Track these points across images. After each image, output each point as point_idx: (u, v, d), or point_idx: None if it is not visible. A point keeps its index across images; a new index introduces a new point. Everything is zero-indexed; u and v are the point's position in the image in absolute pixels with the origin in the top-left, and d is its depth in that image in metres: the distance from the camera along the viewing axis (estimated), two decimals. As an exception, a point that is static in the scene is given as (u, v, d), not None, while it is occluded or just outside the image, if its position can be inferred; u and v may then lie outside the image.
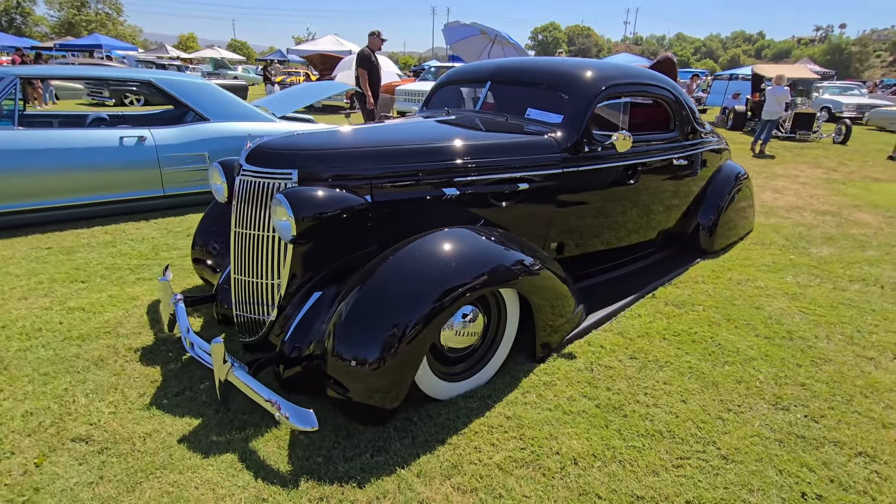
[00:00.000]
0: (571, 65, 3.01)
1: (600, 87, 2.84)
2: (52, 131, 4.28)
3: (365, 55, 7.54)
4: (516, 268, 2.15)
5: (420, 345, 1.85)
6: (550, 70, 3.01)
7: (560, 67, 3.01)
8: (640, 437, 1.97)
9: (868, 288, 3.51)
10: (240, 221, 2.24)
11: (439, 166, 2.41)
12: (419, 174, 2.36)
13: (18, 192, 3.95)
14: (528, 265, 2.21)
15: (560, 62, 3.06)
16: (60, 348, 2.44)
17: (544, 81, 2.99)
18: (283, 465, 1.79)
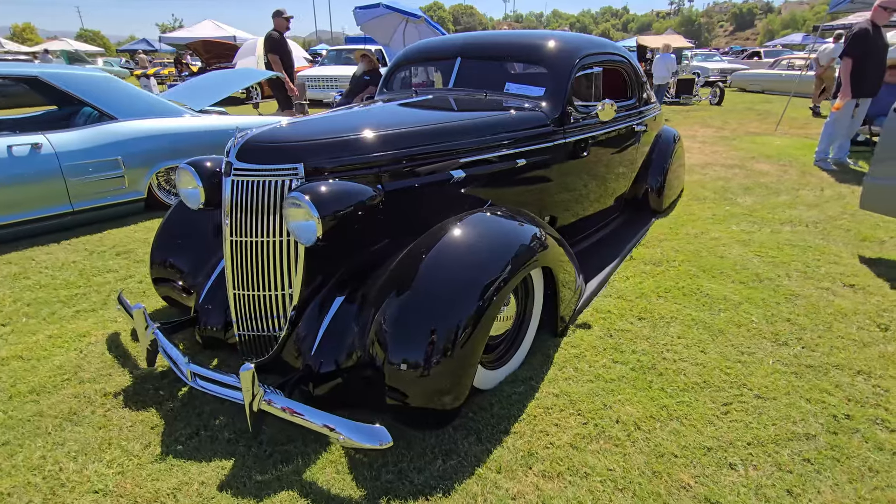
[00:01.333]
0: (543, 37, 2.98)
1: (576, 58, 2.85)
2: None
3: (274, 38, 6.97)
4: (542, 244, 2.11)
5: (479, 340, 1.75)
6: (524, 44, 2.97)
7: (533, 40, 2.97)
8: (682, 392, 2.05)
9: (797, 228, 3.98)
10: (237, 229, 1.95)
11: (446, 147, 2.28)
12: (428, 158, 2.22)
13: None
14: (546, 239, 2.18)
15: (529, 35, 3.02)
16: (11, 409, 1.99)
17: (519, 55, 2.94)
18: (353, 490, 1.61)
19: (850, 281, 3.03)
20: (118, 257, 3.49)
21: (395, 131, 2.17)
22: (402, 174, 2.16)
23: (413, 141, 2.19)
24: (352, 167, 2.02)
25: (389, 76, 3.46)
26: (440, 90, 3.02)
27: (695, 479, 1.64)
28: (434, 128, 2.29)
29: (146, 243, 3.72)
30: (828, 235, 3.80)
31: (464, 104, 2.75)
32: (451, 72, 3.08)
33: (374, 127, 2.15)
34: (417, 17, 8.08)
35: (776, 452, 1.75)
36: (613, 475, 1.66)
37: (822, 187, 5.18)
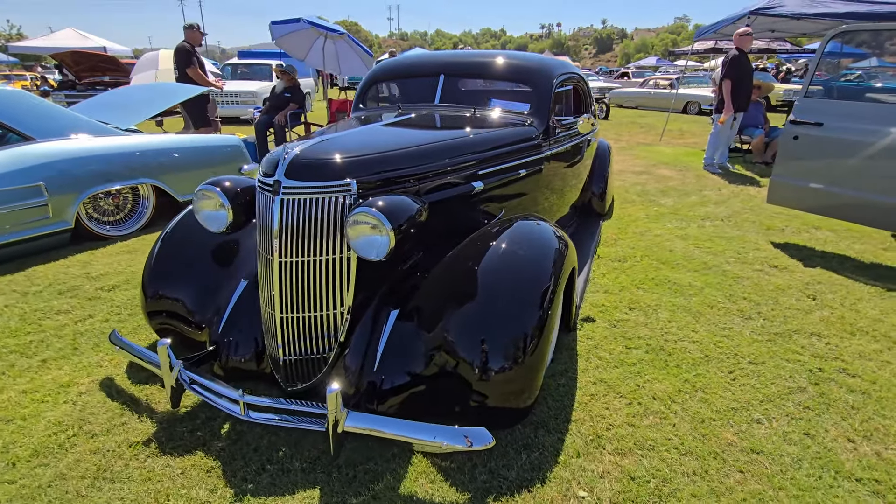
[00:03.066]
0: (523, 58, 3.22)
1: (553, 77, 3.13)
2: None
3: (186, 51, 6.52)
4: (567, 247, 2.30)
5: (547, 340, 1.86)
6: (507, 64, 3.17)
7: (516, 61, 3.19)
8: (694, 367, 2.36)
9: (715, 222, 4.66)
10: (287, 250, 1.87)
11: (471, 160, 2.39)
12: (457, 170, 2.31)
13: None
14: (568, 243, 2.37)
15: (509, 55, 3.24)
16: (20, 477, 1.70)
17: (503, 74, 3.14)
18: (455, 495, 1.64)
19: (774, 263, 3.64)
20: (62, 297, 3.05)
21: (429, 145, 2.24)
22: (435, 186, 2.23)
23: (446, 154, 2.27)
24: (396, 181, 2.05)
25: (364, 92, 3.47)
26: (428, 105, 3.11)
27: (736, 436, 1.92)
28: (460, 141, 2.39)
29: (90, 279, 3.30)
30: (741, 227, 4.50)
31: (473, 121, 2.85)
32: (434, 88, 3.19)
33: (411, 142, 2.20)
34: (339, 32, 8.02)
35: (783, 405, 2.10)
36: (673, 443, 1.88)
37: (719, 187, 6.09)
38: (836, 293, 3.15)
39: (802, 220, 4.63)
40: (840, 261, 3.71)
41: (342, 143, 2.08)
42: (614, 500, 1.63)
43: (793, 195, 3.97)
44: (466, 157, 2.37)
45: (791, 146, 3.87)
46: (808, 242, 4.10)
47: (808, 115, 3.77)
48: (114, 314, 2.83)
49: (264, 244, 1.92)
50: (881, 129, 3.46)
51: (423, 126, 2.67)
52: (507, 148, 2.64)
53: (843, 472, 1.75)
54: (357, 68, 9.13)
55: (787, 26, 8.53)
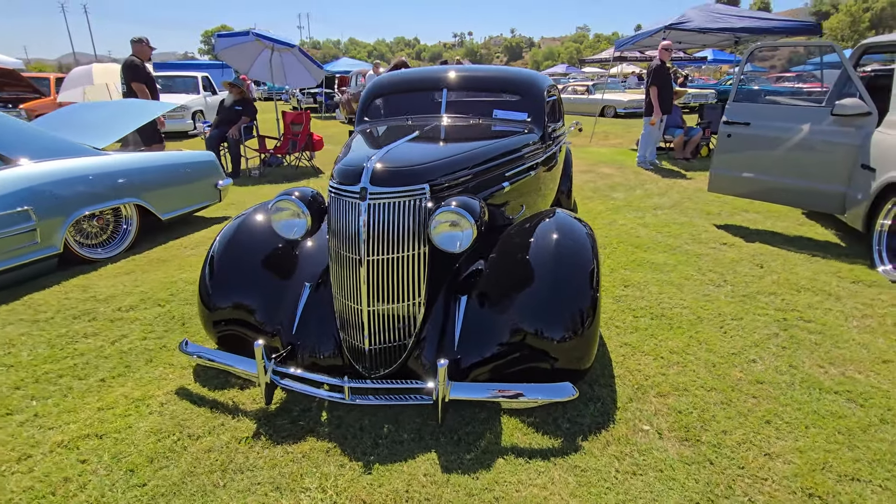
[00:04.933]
0: (517, 72, 3.61)
1: (545, 88, 3.55)
2: None
3: (137, 66, 6.28)
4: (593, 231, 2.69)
5: (599, 312, 2.21)
6: (504, 77, 3.54)
7: (512, 75, 3.57)
8: (693, 326, 2.85)
9: (665, 211, 5.35)
10: (373, 249, 2.09)
11: (505, 162, 2.73)
12: (496, 171, 2.64)
13: None
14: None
15: (503, 70, 3.60)
16: (148, 479, 1.78)
17: (503, 87, 3.51)
18: (551, 442, 1.96)
19: (722, 241, 4.32)
20: (78, 321, 2.98)
21: (474, 152, 2.54)
22: (481, 186, 2.54)
23: (489, 159, 2.59)
24: (458, 184, 2.35)
25: (367, 105, 3.69)
26: (436, 117, 3.40)
27: (742, 373, 2.41)
28: (495, 147, 2.71)
29: (99, 302, 3.23)
30: (686, 214, 5.22)
31: (493, 130, 3.15)
32: (438, 101, 3.49)
33: (459, 150, 2.49)
34: (289, 45, 8.02)
35: (767, 347, 2.64)
36: (698, 384, 2.33)
37: (656, 181, 6.90)
38: (776, 261, 3.85)
39: (732, 205, 5.44)
40: (770, 236, 4.48)
41: (411, 153, 2.34)
42: (671, 429, 2.03)
43: (729, 184, 4.71)
44: (500, 161, 2.71)
45: (726, 143, 4.60)
46: (741, 223, 4.87)
47: (737, 117, 4.52)
48: (148, 332, 2.84)
49: (347, 245, 2.12)
50: (794, 126, 4.25)
51: (459, 136, 2.96)
52: (522, 152, 3.01)
53: (824, 388, 2.28)
54: (304, 80, 9.14)
55: (693, 39, 9.74)
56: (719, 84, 25.36)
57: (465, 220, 2.04)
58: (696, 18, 8.60)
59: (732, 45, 10.73)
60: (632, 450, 1.92)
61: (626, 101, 17.04)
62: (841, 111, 3.92)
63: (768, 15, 9.30)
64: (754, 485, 1.75)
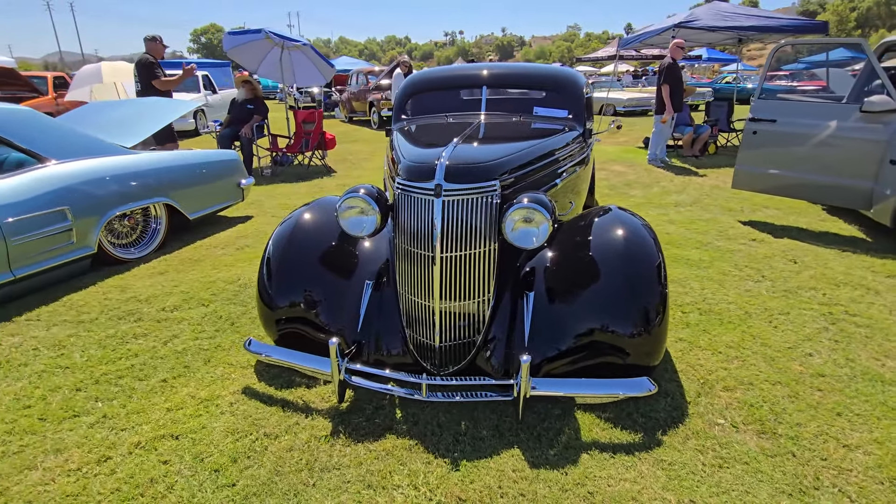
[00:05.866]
0: (555, 69, 3.62)
1: (583, 85, 3.56)
2: None
3: (151, 63, 6.20)
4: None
5: (668, 305, 2.23)
6: (545, 74, 3.55)
7: (552, 72, 3.58)
8: (743, 321, 2.88)
9: (687, 208, 5.39)
10: (447, 246, 2.08)
11: (559, 158, 2.73)
12: (553, 167, 2.65)
13: None
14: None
15: (540, 67, 3.61)
16: (237, 480, 1.76)
17: (542, 84, 3.51)
18: (631, 437, 1.97)
19: (751, 237, 4.37)
20: (124, 322, 2.95)
21: (531, 149, 2.53)
22: (538, 183, 2.55)
23: (547, 155, 2.60)
24: (522, 180, 2.35)
25: (404, 103, 3.68)
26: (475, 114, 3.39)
27: (802, 367, 2.44)
28: (549, 144, 2.72)
29: (141, 302, 3.20)
30: (709, 210, 5.26)
31: (540, 128, 3.15)
32: (477, 99, 3.49)
33: (520, 147, 2.49)
34: (302, 43, 7.96)
35: (820, 341, 2.67)
36: (762, 377, 2.35)
37: (670, 179, 6.95)
38: (808, 256, 3.89)
39: (752, 202, 5.50)
40: (797, 231, 4.53)
41: (478, 150, 2.34)
42: (745, 422, 2.05)
43: (754, 180, 4.75)
44: (555, 158, 2.72)
45: (751, 139, 4.65)
46: (765, 219, 4.92)
47: (763, 114, 4.56)
48: (199, 332, 2.81)
49: (418, 242, 2.12)
50: (821, 123, 4.30)
51: (513, 134, 2.95)
52: (570, 149, 3.02)
53: (886, 380, 2.31)
54: (313, 78, 9.08)
55: (699, 37, 9.82)
56: (715, 82, 25.62)
57: (542, 215, 2.04)
58: (704, 17, 8.67)
59: (736, 44, 10.83)
60: (712, 443, 1.93)
61: (626, 99, 17.13)
62: (870, 108, 3.97)
63: (776, 14, 9.40)
64: (840, 476, 1.77)
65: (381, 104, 14.01)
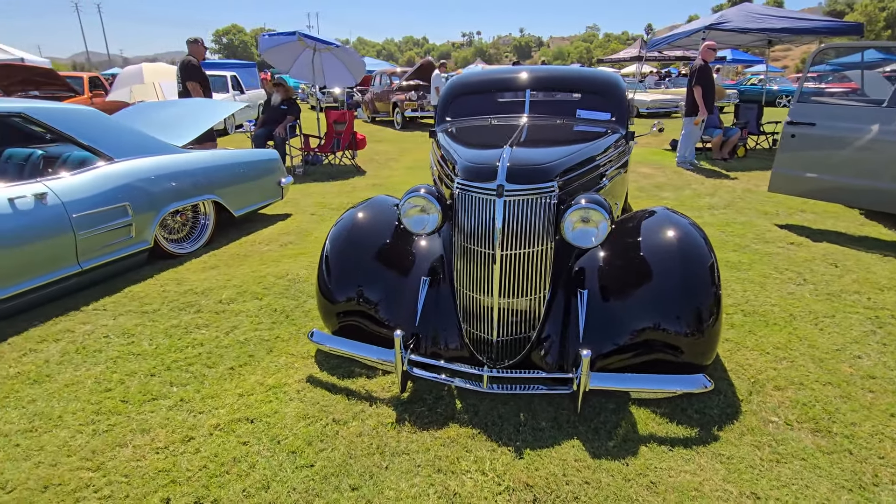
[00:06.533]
0: (595, 72, 3.68)
1: (624, 88, 3.61)
2: None
3: (192, 65, 6.43)
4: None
5: (721, 305, 2.27)
6: (588, 77, 3.61)
7: (594, 75, 3.65)
8: (788, 323, 2.90)
9: (721, 211, 5.38)
10: (507, 244, 2.17)
11: (606, 161, 2.80)
12: (602, 169, 2.72)
13: None
14: None
15: (585, 70, 3.68)
16: (315, 462, 1.87)
17: (586, 87, 3.58)
18: (686, 431, 2.03)
19: (788, 241, 4.36)
20: (184, 313, 3.09)
21: (582, 151, 2.60)
22: (589, 184, 2.62)
23: (597, 157, 2.67)
24: (575, 180, 2.42)
25: (448, 104, 3.77)
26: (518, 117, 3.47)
27: (851, 368, 2.46)
28: (600, 144, 2.79)
29: (197, 295, 3.34)
30: (744, 213, 5.26)
31: (584, 130, 3.22)
32: (520, 101, 3.57)
33: (573, 150, 2.55)
34: (334, 45, 8.12)
35: (868, 344, 2.69)
36: (812, 378, 2.38)
37: (701, 182, 6.93)
38: (849, 260, 3.89)
39: (787, 205, 5.47)
40: (835, 235, 4.51)
41: (535, 151, 2.42)
42: (799, 421, 2.10)
43: (792, 184, 4.74)
44: (604, 159, 2.78)
45: (790, 143, 4.64)
46: (802, 223, 4.90)
47: (802, 117, 4.55)
48: (257, 324, 2.94)
49: (478, 241, 2.20)
50: (861, 126, 4.28)
51: (563, 136, 3.02)
52: (615, 151, 3.08)
53: (938, 383, 2.33)
54: (343, 79, 9.24)
55: (729, 39, 9.75)
56: (740, 84, 25.27)
57: (600, 214, 2.11)
58: (735, 19, 8.61)
59: (766, 46, 10.72)
60: (768, 439, 1.98)
61: (650, 101, 17.02)
62: (914, 112, 3.95)
63: (807, 15, 9.28)
64: (899, 474, 1.81)
65: (405, 105, 14.18)
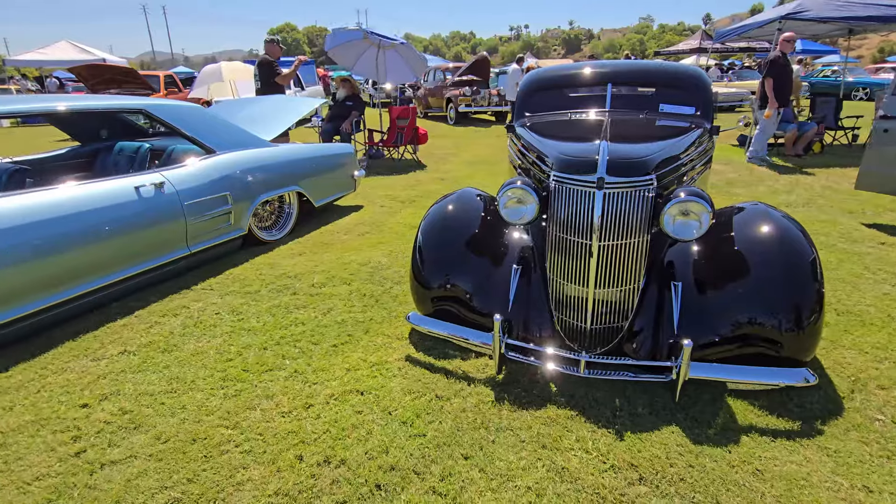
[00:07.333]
0: (682, 66, 3.66)
1: (709, 82, 3.57)
2: (59, 190, 2.88)
3: (270, 63, 6.76)
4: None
5: (824, 302, 2.24)
6: (671, 71, 3.61)
7: (677, 68, 3.63)
8: (888, 323, 2.82)
9: (800, 209, 5.18)
10: (605, 235, 2.23)
11: (695, 156, 2.81)
12: (689, 166, 2.73)
13: (39, 282, 2.67)
14: None
15: (668, 64, 3.67)
16: (426, 432, 2.02)
17: (669, 81, 3.56)
18: (787, 424, 2.04)
19: (878, 240, 4.17)
20: (282, 294, 3.33)
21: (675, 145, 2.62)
22: (681, 178, 2.64)
23: (689, 152, 2.68)
24: (669, 174, 2.46)
25: (526, 99, 3.84)
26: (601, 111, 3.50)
27: (961, 371, 2.38)
28: (690, 138, 2.80)
29: (291, 278, 3.58)
30: (826, 212, 5.04)
31: (671, 125, 3.22)
32: (601, 96, 3.59)
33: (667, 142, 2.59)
34: (399, 42, 8.34)
35: (978, 347, 2.57)
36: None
37: (775, 178, 6.67)
38: (949, 262, 3.68)
39: (873, 204, 5.20)
40: (931, 236, 4.27)
41: (632, 145, 2.47)
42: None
43: (883, 181, 4.52)
44: (692, 154, 2.79)
45: (881, 138, 4.42)
46: (891, 222, 4.66)
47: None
48: (350, 307, 3.13)
49: (576, 232, 2.28)
50: (966, 121, 4.03)
51: (654, 131, 3.04)
52: (703, 146, 3.07)
53: None
54: (404, 75, 9.45)
55: (806, 29, 9.25)
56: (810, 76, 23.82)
57: (702, 206, 2.14)
58: (814, 7, 8.16)
59: (846, 36, 10.10)
60: (875, 436, 1.97)
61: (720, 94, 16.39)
62: None
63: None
64: None
65: (459, 100, 14.29)
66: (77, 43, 19.73)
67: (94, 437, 2.02)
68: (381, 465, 1.86)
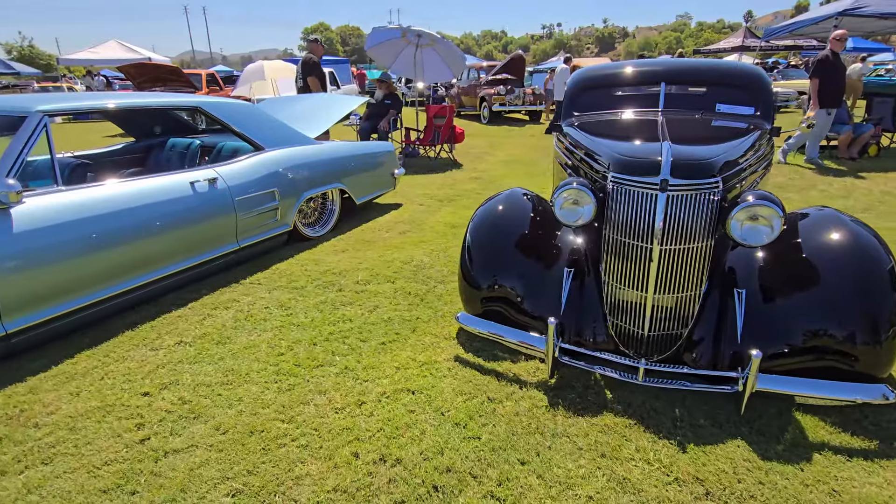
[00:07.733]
0: (737, 64, 3.53)
1: (770, 81, 3.43)
2: (117, 185, 2.99)
3: (313, 62, 6.89)
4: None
5: None
6: (729, 70, 3.48)
7: (735, 67, 3.51)
8: None
9: (859, 215, 4.92)
10: (667, 239, 2.16)
11: (758, 156, 2.70)
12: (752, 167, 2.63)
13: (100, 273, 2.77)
14: None
15: (724, 63, 3.55)
16: (480, 434, 2.00)
17: (727, 80, 3.44)
18: (861, 443, 1.93)
19: (949, 249, 3.92)
20: (328, 290, 3.36)
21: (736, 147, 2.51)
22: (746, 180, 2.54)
23: (752, 153, 2.58)
24: (734, 177, 2.37)
25: (574, 98, 3.77)
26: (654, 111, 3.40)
27: None
28: (753, 139, 2.68)
29: (335, 275, 3.61)
30: (890, 218, 4.78)
31: (731, 126, 3.11)
32: (657, 94, 3.49)
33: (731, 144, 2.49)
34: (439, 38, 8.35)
35: None
36: None
37: (829, 182, 6.37)
38: None
39: (940, 211, 4.91)
40: None
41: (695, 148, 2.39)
42: None
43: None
44: (756, 156, 2.68)
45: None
46: (962, 231, 4.38)
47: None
48: (396, 305, 3.14)
49: (635, 235, 2.21)
50: None
51: (714, 132, 2.94)
52: (764, 148, 2.94)
53: None
54: (442, 74, 9.45)
55: (862, 26, 8.82)
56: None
57: (773, 211, 2.05)
58: (873, 3, 7.78)
59: (906, 32, 9.58)
60: (963, 460, 1.84)
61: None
62: None
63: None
64: None
65: (494, 99, 14.21)
66: (125, 42, 20.52)
67: (157, 425, 2.07)
68: (436, 466, 1.84)
